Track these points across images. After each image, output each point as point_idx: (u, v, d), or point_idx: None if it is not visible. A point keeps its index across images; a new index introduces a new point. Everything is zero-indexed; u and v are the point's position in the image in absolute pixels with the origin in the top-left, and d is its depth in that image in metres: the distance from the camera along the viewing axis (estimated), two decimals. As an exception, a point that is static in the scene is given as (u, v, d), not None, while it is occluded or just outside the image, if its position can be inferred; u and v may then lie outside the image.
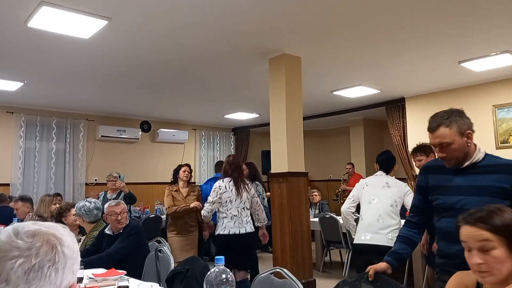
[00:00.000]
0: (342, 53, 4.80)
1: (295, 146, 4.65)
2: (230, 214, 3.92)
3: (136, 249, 3.15)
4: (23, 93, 6.27)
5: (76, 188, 7.64)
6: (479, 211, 1.39)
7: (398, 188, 3.72)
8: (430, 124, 1.95)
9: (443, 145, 1.90)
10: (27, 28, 3.77)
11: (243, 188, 4.00)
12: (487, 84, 6.18)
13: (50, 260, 0.87)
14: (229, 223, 3.90)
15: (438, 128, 1.91)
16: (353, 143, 9.15)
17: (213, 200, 3.96)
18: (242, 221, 3.93)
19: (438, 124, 1.92)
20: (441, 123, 1.91)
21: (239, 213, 3.94)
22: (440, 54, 4.92)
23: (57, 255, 0.88)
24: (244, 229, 3.91)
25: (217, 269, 1.51)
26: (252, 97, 6.95)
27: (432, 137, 1.94)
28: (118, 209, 3.23)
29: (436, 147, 1.93)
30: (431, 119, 1.97)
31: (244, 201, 3.99)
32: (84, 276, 2.47)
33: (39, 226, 0.92)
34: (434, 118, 1.96)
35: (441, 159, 1.95)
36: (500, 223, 1.34)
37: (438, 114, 1.96)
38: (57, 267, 0.88)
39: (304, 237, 4.56)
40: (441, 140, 1.90)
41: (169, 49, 4.50)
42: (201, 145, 9.59)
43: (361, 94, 6.77)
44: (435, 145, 1.93)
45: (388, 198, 3.62)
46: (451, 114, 1.94)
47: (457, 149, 1.90)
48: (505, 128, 6.00)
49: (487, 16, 3.83)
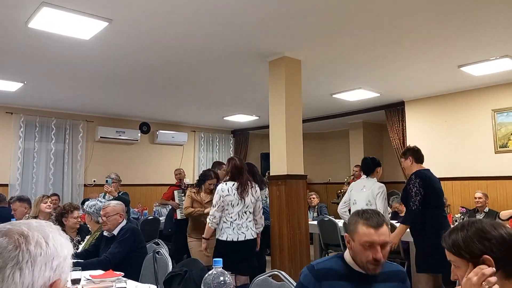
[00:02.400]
0: (342, 56, 4.81)
1: (294, 148, 4.64)
2: (230, 219, 3.77)
3: (133, 251, 3.14)
4: (23, 94, 6.27)
5: (75, 189, 7.64)
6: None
7: (371, 190, 4.15)
8: (372, 220, 1.70)
9: (384, 245, 1.68)
10: (27, 29, 3.77)
11: (248, 193, 3.83)
12: (487, 89, 6.19)
13: (13, 259, 0.83)
14: (228, 229, 3.75)
15: (383, 225, 1.70)
16: (353, 146, 9.16)
17: (217, 203, 3.77)
18: (242, 226, 3.77)
19: (382, 221, 1.71)
20: (384, 221, 1.71)
21: (239, 217, 3.78)
22: (439, 58, 4.92)
23: (21, 254, 0.85)
24: (243, 236, 3.74)
25: (214, 271, 1.51)
26: (252, 100, 6.96)
27: (375, 234, 1.67)
28: (103, 211, 3.24)
29: (376, 246, 1.66)
30: (369, 216, 1.72)
31: (248, 205, 3.83)
32: (81, 278, 2.46)
33: (13, 225, 0.89)
34: (372, 215, 1.73)
35: (373, 261, 1.67)
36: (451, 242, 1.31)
37: (374, 212, 1.75)
38: (21, 267, 0.84)
39: (302, 240, 4.56)
40: (385, 238, 1.68)
41: (169, 51, 4.50)
42: (200, 147, 9.59)
43: (361, 98, 6.77)
44: (379, 244, 1.66)
45: (363, 200, 4.10)
46: (379, 213, 1.77)
47: (388, 253, 1.71)
48: (504, 132, 6.01)
49: (486, 20, 3.84)
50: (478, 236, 1.26)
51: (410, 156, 3.84)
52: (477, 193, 5.52)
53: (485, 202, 5.43)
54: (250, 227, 3.82)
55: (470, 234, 1.27)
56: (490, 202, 5.66)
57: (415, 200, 3.58)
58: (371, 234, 1.67)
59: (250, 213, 3.86)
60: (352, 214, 1.82)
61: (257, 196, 3.93)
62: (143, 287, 2.33)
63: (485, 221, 1.32)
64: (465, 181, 6.38)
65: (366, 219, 1.70)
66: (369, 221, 1.69)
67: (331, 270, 1.74)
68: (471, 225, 1.30)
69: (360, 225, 1.70)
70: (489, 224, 1.29)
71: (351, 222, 1.76)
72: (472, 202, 5.83)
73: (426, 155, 6.75)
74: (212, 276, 1.49)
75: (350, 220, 1.78)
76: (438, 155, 6.68)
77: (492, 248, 1.23)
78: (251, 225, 3.84)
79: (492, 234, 1.25)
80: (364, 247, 1.67)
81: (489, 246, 1.23)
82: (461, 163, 6.41)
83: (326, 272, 1.73)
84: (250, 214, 3.85)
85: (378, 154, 9.31)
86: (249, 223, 3.83)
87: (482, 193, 5.49)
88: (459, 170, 6.43)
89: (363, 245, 1.67)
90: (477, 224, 1.29)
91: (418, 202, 3.56)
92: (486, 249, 1.23)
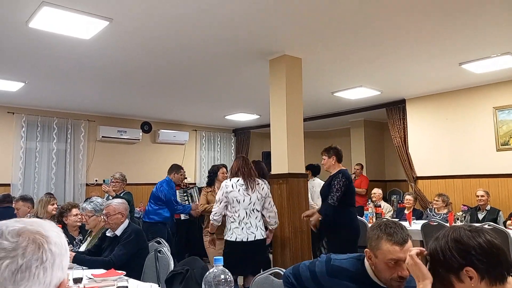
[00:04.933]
0: (343, 55, 4.80)
1: (295, 147, 4.64)
2: (238, 218, 3.64)
3: (136, 252, 3.14)
4: (24, 94, 6.28)
5: (77, 188, 7.65)
6: None
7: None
8: (396, 235, 1.59)
9: None
10: (28, 29, 3.77)
11: (253, 187, 3.70)
12: (488, 86, 6.17)
13: (37, 260, 0.85)
14: (237, 229, 3.62)
15: (408, 240, 1.60)
16: (354, 145, 9.15)
17: (220, 199, 3.68)
18: (251, 225, 3.64)
19: (407, 235, 1.60)
20: (408, 235, 1.61)
21: (248, 215, 3.65)
22: (440, 56, 4.91)
23: (44, 254, 0.86)
24: (253, 236, 3.62)
25: (215, 270, 1.51)
26: (253, 98, 6.96)
27: (401, 251, 1.57)
28: (105, 211, 3.24)
29: (402, 264, 1.55)
30: (393, 230, 1.61)
31: (254, 202, 3.70)
32: (83, 277, 2.47)
33: (24, 224, 0.89)
34: (396, 229, 1.62)
35: (399, 279, 1.58)
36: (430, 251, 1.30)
37: (397, 225, 1.64)
38: (45, 266, 0.86)
39: (304, 238, 4.56)
40: None
41: (170, 50, 4.50)
42: (201, 146, 9.60)
43: (362, 96, 6.76)
44: (404, 261, 1.49)
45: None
46: (402, 225, 1.67)
47: None
48: (505, 130, 6.00)
49: (488, 18, 3.83)
50: (458, 249, 1.23)
51: (334, 156, 4.12)
52: (479, 191, 5.50)
53: (487, 200, 5.42)
54: (259, 226, 3.71)
55: (450, 246, 1.24)
56: (492, 200, 5.65)
57: (334, 196, 3.84)
58: (396, 251, 1.57)
59: (258, 211, 3.75)
60: (373, 227, 1.70)
61: (265, 192, 3.80)
62: (144, 286, 2.34)
63: (463, 229, 1.28)
64: (466, 179, 6.37)
65: (390, 235, 1.60)
66: (394, 237, 1.59)
67: (346, 271, 1.73)
68: (449, 235, 1.27)
69: (384, 242, 1.60)
70: (467, 232, 1.26)
71: (372, 237, 1.65)
72: (473, 200, 5.82)
73: (428, 153, 6.84)
74: (213, 274, 1.49)
75: (371, 234, 1.67)
76: (439, 153, 6.67)
77: (473, 260, 1.20)
78: (260, 224, 3.73)
79: (470, 245, 1.22)
80: (389, 265, 1.59)
81: (469, 259, 1.21)
82: (463, 161, 6.40)
83: (340, 271, 1.74)
84: (258, 212, 3.74)
85: (379, 152, 9.32)
86: (259, 223, 3.72)
87: (484, 191, 5.48)
88: (460, 168, 6.42)
89: (388, 263, 1.59)
90: (455, 234, 1.26)
91: (336, 198, 3.83)
92: (467, 263, 1.21)
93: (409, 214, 5.16)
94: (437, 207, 5.49)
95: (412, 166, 7.00)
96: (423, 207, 6.55)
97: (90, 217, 3.49)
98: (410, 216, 5.13)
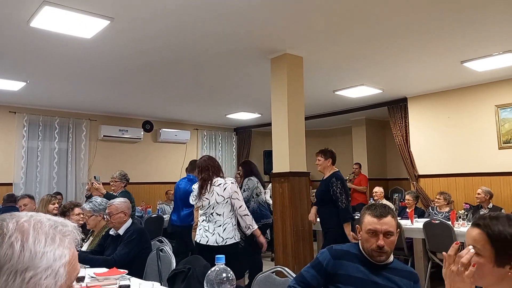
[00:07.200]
0: (344, 53, 4.79)
1: (296, 146, 4.64)
2: (201, 219, 3.53)
3: (139, 251, 3.15)
4: (26, 93, 6.29)
5: (78, 187, 7.67)
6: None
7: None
8: (376, 210, 1.89)
9: (387, 234, 1.85)
10: (29, 28, 3.78)
11: (210, 190, 3.41)
12: (490, 84, 6.16)
13: None
14: (200, 230, 3.49)
15: (387, 216, 1.87)
16: (355, 143, 9.15)
17: (193, 203, 3.59)
18: (208, 229, 3.40)
19: (387, 212, 1.88)
20: (389, 212, 1.88)
21: (207, 219, 3.44)
22: (442, 54, 4.90)
23: None
24: (205, 240, 3.37)
25: (217, 268, 1.51)
26: (254, 97, 6.95)
27: (378, 223, 1.86)
28: (107, 210, 3.27)
29: (379, 235, 1.85)
30: (374, 207, 1.92)
31: (213, 205, 3.41)
32: (86, 275, 2.48)
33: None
34: (377, 206, 1.92)
35: (377, 249, 1.84)
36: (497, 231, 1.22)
37: (381, 204, 1.94)
38: None
39: (305, 237, 4.56)
40: (388, 228, 1.85)
41: (171, 49, 4.50)
42: (203, 145, 9.60)
43: (363, 94, 6.76)
44: (381, 232, 1.84)
45: None
46: (390, 208, 1.94)
47: (394, 243, 1.87)
48: (507, 128, 5.98)
49: (490, 15, 3.82)
50: None
51: (330, 158, 4.31)
52: (478, 189, 5.50)
53: (484, 198, 5.38)
54: (218, 232, 3.36)
55: None
56: (494, 198, 5.63)
57: (342, 200, 4.06)
58: (374, 222, 1.86)
59: (220, 215, 3.40)
60: (363, 208, 2.01)
61: (228, 193, 3.39)
62: (147, 285, 2.34)
63: None
64: (468, 177, 6.36)
65: (370, 210, 1.90)
66: (373, 211, 1.89)
67: (348, 253, 1.92)
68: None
69: (366, 215, 1.91)
70: None
71: (361, 215, 1.97)
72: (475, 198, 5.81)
73: (429, 151, 6.83)
74: (215, 273, 1.49)
75: (361, 213, 1.98)
76: (441, 151, 6.66)
77: None
78: (219, 230, 3.37)
79: None
80: (369, 235, 1.86)
81: None
82: (465, 159, 6.39)
83: (343, 253, 1.93)
84: (219, 216, 3.40)
85: (381, 151, 9.30)
86: (218, 228, 3.37)
87: (482, 189, 5.45)
88: (462, 166, 6.41)
89: (368, 233, 1.87)
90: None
91: (345, 200, 4.07)
92: None
93: (411, 213, 5.16)
94: (439, 206, 5.48)
95: (414, 164, 6.99)
96: (425, 206, 6.54)
97: (90, 217, 3.50)
98: (412, 215, 5.12)
